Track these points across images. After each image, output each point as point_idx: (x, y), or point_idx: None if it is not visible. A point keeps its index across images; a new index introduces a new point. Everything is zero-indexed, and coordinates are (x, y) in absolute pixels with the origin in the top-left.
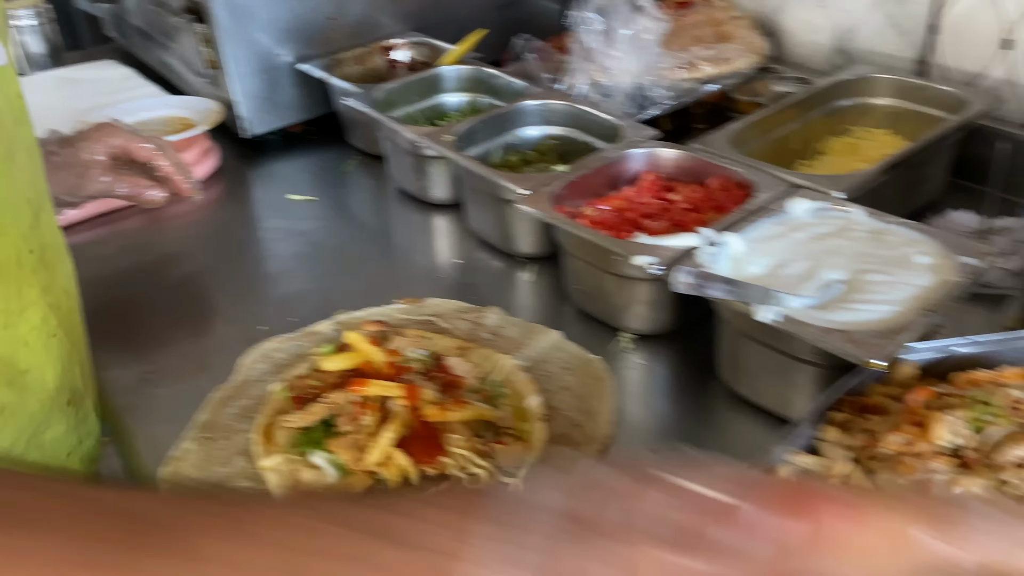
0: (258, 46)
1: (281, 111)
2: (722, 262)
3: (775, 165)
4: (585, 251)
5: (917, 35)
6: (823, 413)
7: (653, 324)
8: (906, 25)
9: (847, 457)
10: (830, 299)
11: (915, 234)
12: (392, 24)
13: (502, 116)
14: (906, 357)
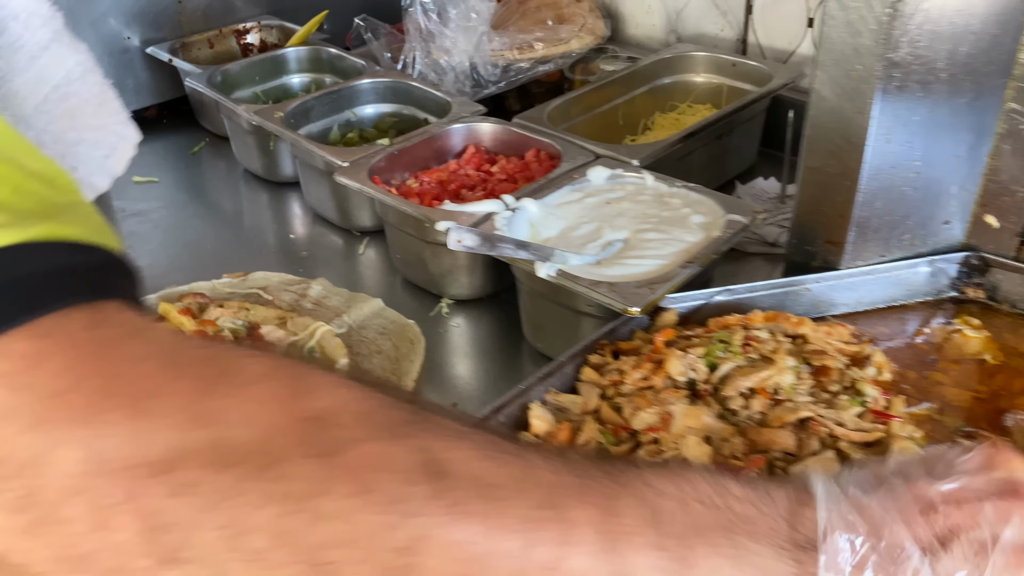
0: (103, 28)
1: (130, 95)
2: (519, 225)
3: (601, 140)
4: (403, 221)
5: (737, 16)
6: (583, 356)
7: (469, 290)
8: (726, 6)
9: (598, 394)
10: (607, 256)
11: (696, 196)
12: (245, 7)
13: (338, 94)
14: (668, 305)
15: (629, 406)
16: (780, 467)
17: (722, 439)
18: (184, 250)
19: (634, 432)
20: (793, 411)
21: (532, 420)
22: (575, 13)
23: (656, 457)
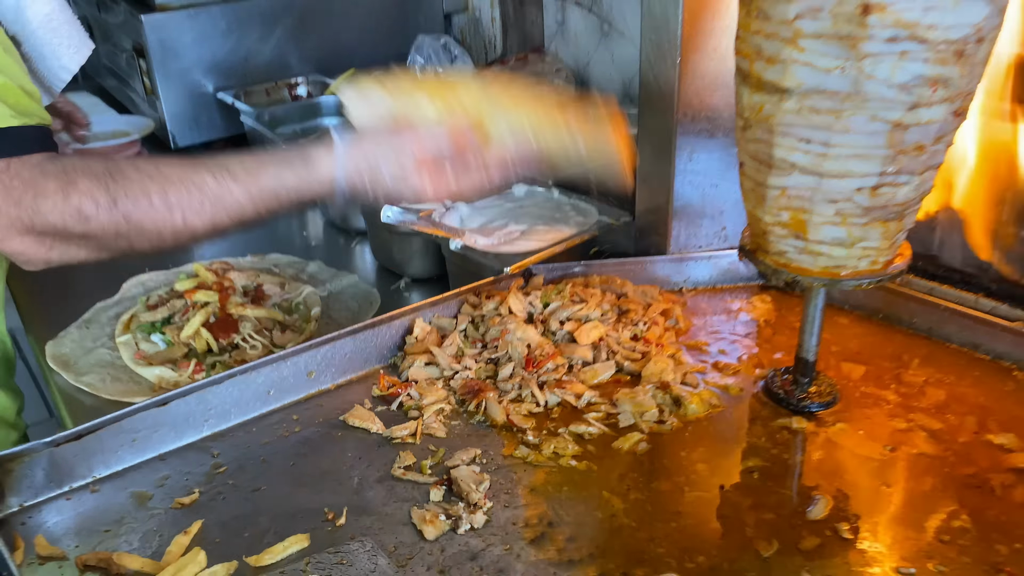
0: (185, 78)
1: (202, 129)
2: (453, 219)
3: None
4: (373, 217)
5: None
6: (466, 296)
7: (421, 271)
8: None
9: (468, 319)
10: (506, 240)
11: (583, 204)
12: (298, 66)
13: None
14: (538, 269)
15: (483, 325)
16: (578, 368)
17: (542, 349)
18: (226, 239)
19: (484, 343)
20: (588, 333)
21: (415, 327)
22: (551, 77)
23: (495, 350)
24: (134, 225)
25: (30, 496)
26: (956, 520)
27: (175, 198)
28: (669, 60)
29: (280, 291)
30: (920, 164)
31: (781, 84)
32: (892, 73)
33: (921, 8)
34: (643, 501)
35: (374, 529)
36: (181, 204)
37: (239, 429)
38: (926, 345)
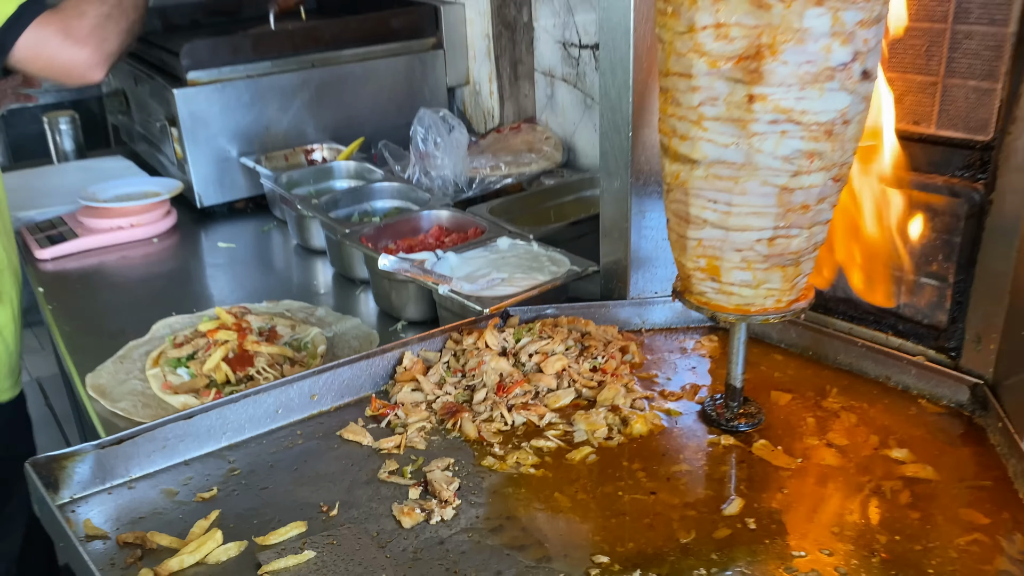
0: (212, 144)
1: (226, 190)
2: (443, 268)
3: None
4: (373, 267)
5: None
6: (450, 333)
7: (416, 315)
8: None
9: (451, 353)
10: (488, 286)
11: (558, 256)
12: (314, 134)
13: (359, 191)
14: (515, 312)
15: (463, 357)
16: (543, 394)
17: (512, 376)
18: (245, 288)
19: (464, 372)
20: (553, 364)
21: (404, 358)
22: (540, 145)
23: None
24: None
25: (78, 490)
26: (848, 516)
27: None
28: (623, 133)
29: (291, 332)
30: (807, 220)
31: (691, 156)
32: (775, 148)
33: (794, 98)
34: (587, 500)
35: (360, 519)
36: None
37: (251, 441)
38: (846, 378)
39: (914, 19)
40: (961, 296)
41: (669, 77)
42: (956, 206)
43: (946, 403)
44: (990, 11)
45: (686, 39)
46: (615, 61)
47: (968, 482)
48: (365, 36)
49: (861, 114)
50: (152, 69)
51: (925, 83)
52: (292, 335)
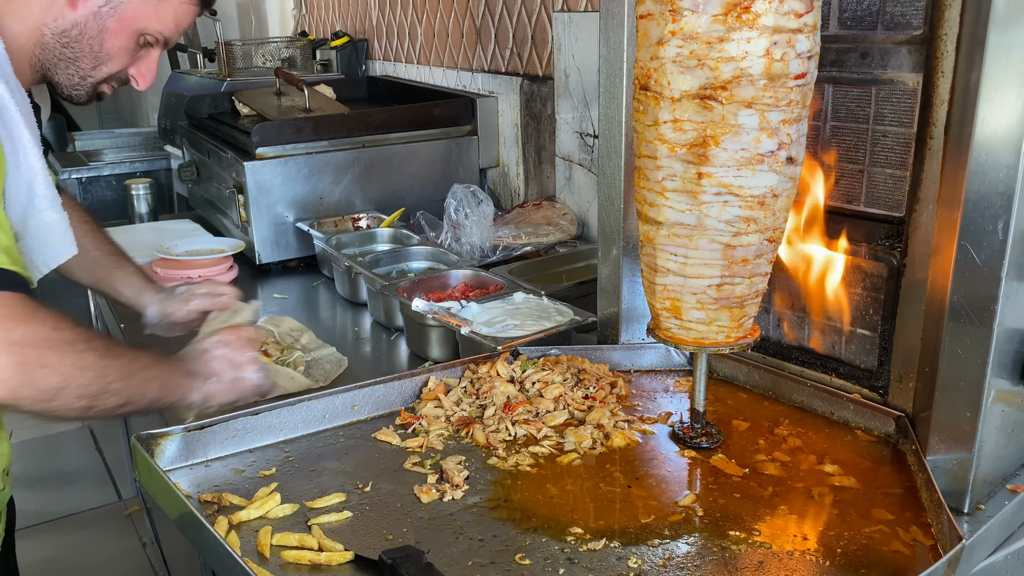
0: (272, 210)
1: (283, 250)
2: (466, 315)
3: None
4: (408, 313)
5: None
6: (469, 364)
7: (441, 354)
8: None
9: (469, 380)
10: (503, 330)
11: (564, 307)
12: (361, 204)
13: (397, 252)
14: (523, 351)
15: (478, 383)
16: (542, 416)
17: (517, 398)
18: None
19: (477, 395)
20: (551, 391)
21: (430, 381)
22: (558, 220)
23: (484, 399)
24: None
25: (167, 464)
26: (779, 509)
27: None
28: (615, 206)
29: (279, 354)
30: (748, 271)
31: (657, 219)
32: (720, 213)
33: (733, 176)
34: (572, 490)
35: (388, 494)
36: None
37: (303, 438)
38: (798, 412)
39: (844, 120)
40: (886, 343)
41: (641, 158)
42: (880, 269)
43: (877, 433)
44: (899, 116)
45: (652, 130)
46: (611, 148)
47: (883, 490)
48: (410, 122)
49: (789, 190)
50: (224, 144)
51: (855, 170)
52: (279, 356)
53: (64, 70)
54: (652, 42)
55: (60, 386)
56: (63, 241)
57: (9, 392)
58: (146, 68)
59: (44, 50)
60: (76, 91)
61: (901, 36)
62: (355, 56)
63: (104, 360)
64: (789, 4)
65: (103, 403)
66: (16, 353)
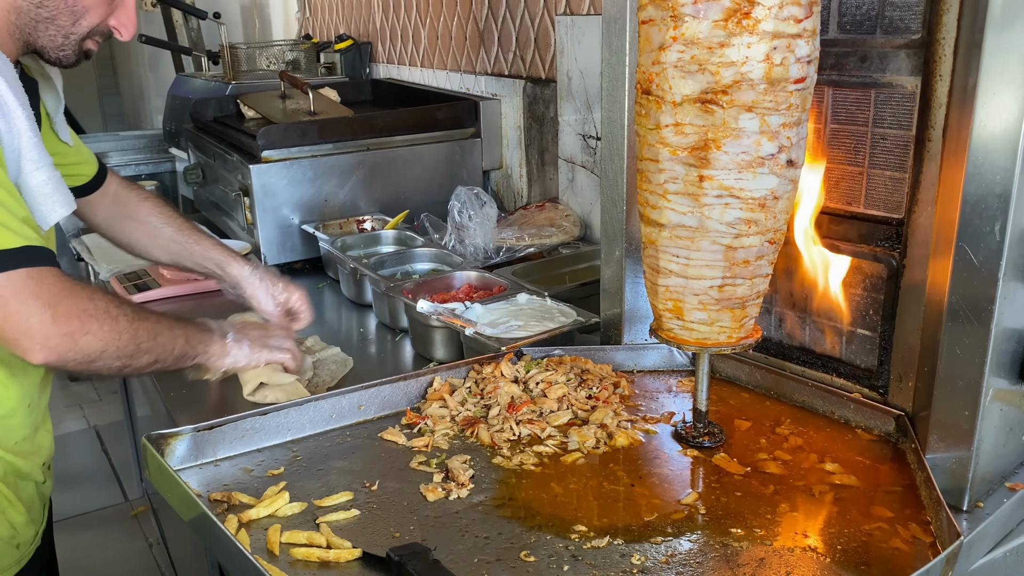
0: (278, 213)
1: (288, 252)
2: (470, 315)
3: (548, 284)
4: (412, 314)
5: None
6: (473, 365)
7: (446, 355)
8: None
9: (473, 380)
10: (507, 331)
11: (567, 308)
12: (365, 207)
13: (401, 254)
14: (527, 351)
15: (483, 383)
16: (546, 416)
17: (521, 398)
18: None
19: (482, 395)
20: (555, 391)
21: (435, 382)
22: (561, 221)
23: (488, 399)
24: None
25: (177, 463)
26: (781, 507)
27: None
28: (618, 207)
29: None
30: (749, 272)
31: (659, 221)
32: (721, 216)
33: (734, 178)
34: (576, 488)
35: (395, 492)
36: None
37: (311, 438)
38: (799, 412)
39: (844, 123)
40: (886, 343)
41: (643, 161)
42: (880, 270)
43: (877, 432)
44: (898, 118)
45: (654, 133)
46: (613, 150)
47: (883, 488)
48: (414, 125)
49: (789, 192)
50: (230, 147)
51: (855, 172)
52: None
53: (45, 31)
54: (654, 47)
55: (102, 349)
56: (54, 201)
57: (58, 356)
58: (126, 17)
59: (20, 15)
60: (63, 52)
61: (900, 40)
62: (359, 59)
63: (135, 323)
64: (788, 10)
65: (137, 362)
66: (63, 324)
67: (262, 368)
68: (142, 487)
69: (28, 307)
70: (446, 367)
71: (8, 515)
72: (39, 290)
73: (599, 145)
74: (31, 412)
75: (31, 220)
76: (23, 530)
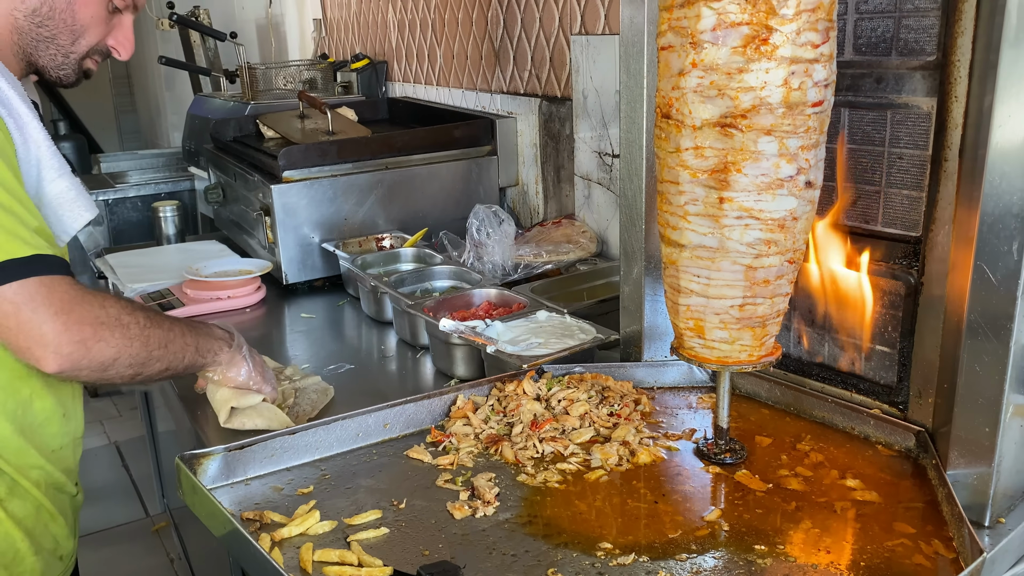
0: (298, 232)
1: (309, 270)
2: (491, 333)
3: (566, 301)
4: (433, 332)
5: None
6: (496, 382)
7: (467, 372)
8: None
9: (496, 398)
10: (527, 348)
11: (586, 325)
12: (384, 225)
13: (421, 272)
14: (548, 368)
15: (505, 401)
16: (569, 433)
17: (543, 416)
18: (324, 350)
19: (505, 412)
20: (577, 409)
21: (458, 400)
22: (578, 237)
23: (511, 416)
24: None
25: (209, 483)
26: (803, 523)
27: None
28: (637, 226)
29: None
30: (769, 292)
31: (680, 242)
32: (741, 236)
33: (754, 200)
34: (600, 506)
35: (422, 511)
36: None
37: (338, 456)
38: (819, 428)
39: (860, 143)
40: (905, 360)
41: (663, 183)
42: (898, 287)
43: (897, 448)
44: (914, 139)
45: (674, 156)
46: (632, 170)
47: (904, 504)
48: (431, 144)
49: (808, 212)
50: (251, 167)
51: (872, 191)
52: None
53: (46, 51)
54: (673, 73)
55: (115, 357)
56: (78, 206)
57: (71, 364)
58: (123, 36)
59: (21, 35)
60: (63, 71)
61: (915, 62)
62: (375, 78)
63: (146, 331)
64: (806, 36)
65: (149, 369)
66: (76, 331)
67: (226, 391)
68: (163, 503)
69: (41, 315)
70: (469, 385)
71: (51, 528)
72: (51, 298)
73: (615, 162)
74: (67, 422)
75: (45, 230)
76: (64, 542)
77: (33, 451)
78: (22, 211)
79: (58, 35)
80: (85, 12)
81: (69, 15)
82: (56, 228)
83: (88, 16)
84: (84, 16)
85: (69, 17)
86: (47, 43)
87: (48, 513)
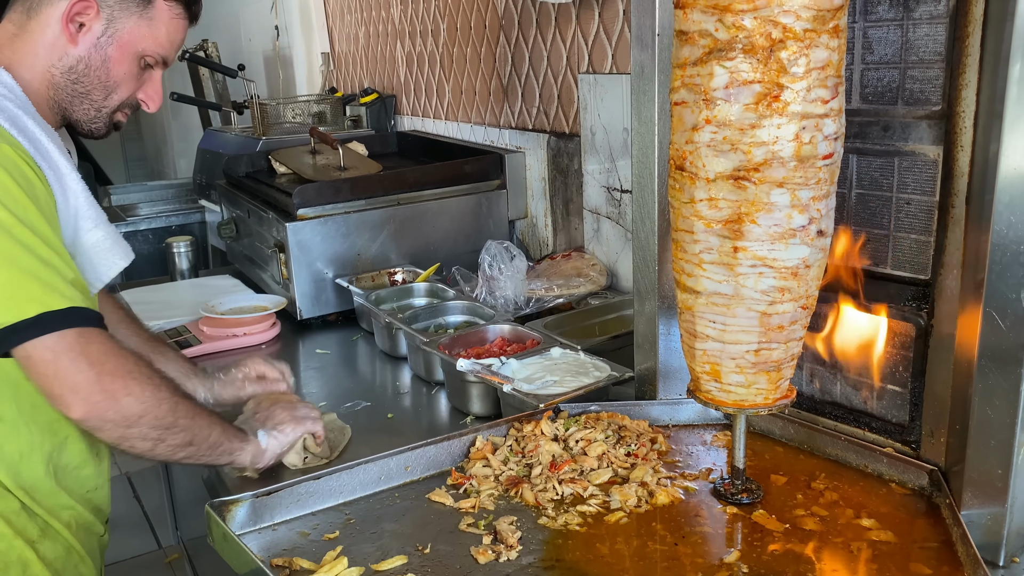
0: (312, 267)
1: (323, 305)
2: (506, 371)
3: (579, 337)
4: (449, 369)
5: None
6: (513, 423)
7: (483, 410)
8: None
9: (514, 438)
10: (543, 387)
11: (601, 363)
12: (396, 259)
13: (434, 307)
14: (565, 407)
15: (523, 442)
16: (587, 474)
17: (562, 457)
18: (340, 387)
19: (523, 453)
20: (594, 449)
21: (477, 441)
22: (588, 271)
23: (530, 457)
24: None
25: (237, 528)
26: (820, 564)
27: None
28: (650, 267)
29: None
30: (783, 337)
31: (696, 289)
32: (756, 284)
33: (767, 249)
34: (620, 550)
35: (447, 556)
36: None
37: (361, 500)
38: (833, 466)
39: (869, 188)
40: (917, 399)
41: (678, 232)
42: (909, 329)
43: (911, 486)
44: (921, 185)
45: (689, 207)
46: (644, 213)
47: (919, 544)
48: (442, 179)
49: (820, 259)
50: (265, 204)
51: (881, 235)
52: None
53: (80, 106)
54: (687, 127)
55: (140, 414)
56: (114, 255)
57: (97, 414)
58: (152, 90)
59: (57, 90)
60: (95, 124)
61: (921, 111)
62: (384, 112)
63: (175, 396)
64: (816, 92)
65: (172, 438)
66: (107, 382)
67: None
68: (176, 534)
69: (78, 364)
70: (487, 426)
71: (80, 569)
72: (88, 349)
73: (624, 197)
74: (99, 462)
75: (80, 282)
76: None
77: (64, 493)
78: (60, 263)
79: (92, 91)
80: (119, 69)
81: (103, 72)
82: (90, 276)
83: (121, 73)
84: (118, 73)
85: (103, 74)
86: (81, 98)
87: (78, 555)
